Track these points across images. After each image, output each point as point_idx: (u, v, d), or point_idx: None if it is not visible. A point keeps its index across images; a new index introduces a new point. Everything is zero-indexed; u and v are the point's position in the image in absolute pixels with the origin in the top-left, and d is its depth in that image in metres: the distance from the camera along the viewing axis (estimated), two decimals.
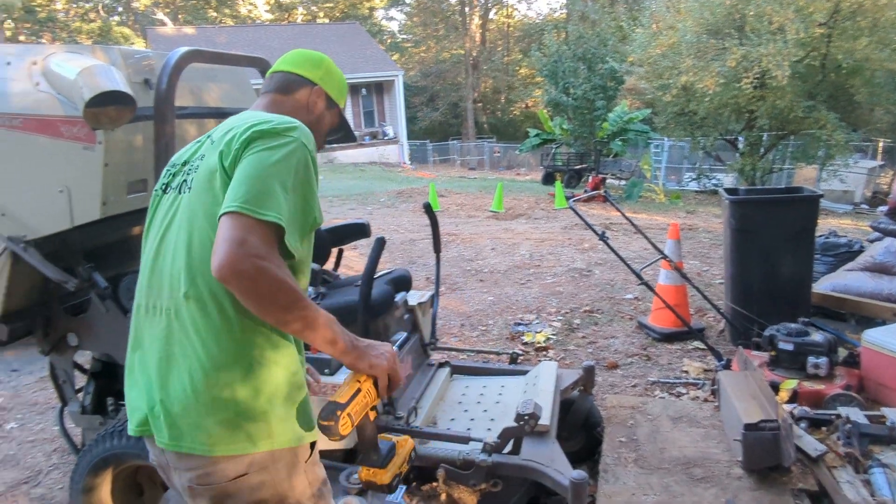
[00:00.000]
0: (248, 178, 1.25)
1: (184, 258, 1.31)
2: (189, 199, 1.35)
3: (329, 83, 1.62)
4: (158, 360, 1.31)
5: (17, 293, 2.50)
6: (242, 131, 1.32)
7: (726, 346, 4.49)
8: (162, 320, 1.32)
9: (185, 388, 1.27)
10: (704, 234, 9.22)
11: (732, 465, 2.58)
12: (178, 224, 1.35)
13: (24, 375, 4.59)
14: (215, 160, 1.32)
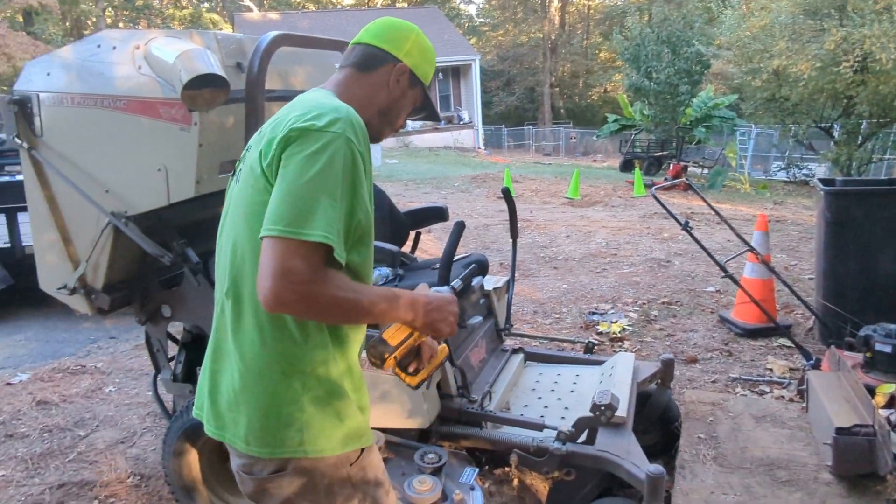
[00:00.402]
0: (289, 193, 1.16)
1: (228, 256, 1.30)
2: (238, 194, 1.32)
3: (415, 59, 1.45)
4: (213, 351, 1.35)
5: (119, 266, 2.66)
6: (281, 129, 1.22)
7: (815, 345, 4.27)
8: (218, 310, 1.34)
9: (227, 385, 1.29)
10: (793, 226, 8.76)
11: (821, 469, 2.46)
12: (229, 217, 1.34)
13: (122, 343, 4.90)
14: (256, 159, 1.25)
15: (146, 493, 2.86)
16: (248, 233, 1.25)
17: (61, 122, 2.49)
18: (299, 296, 1.13)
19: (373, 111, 1.42)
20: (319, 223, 1.14)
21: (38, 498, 2.85)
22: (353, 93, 1.40)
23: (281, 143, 1.20)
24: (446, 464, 2.13)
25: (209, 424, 1.35)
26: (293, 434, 1.25)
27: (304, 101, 1.30)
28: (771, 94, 12.41)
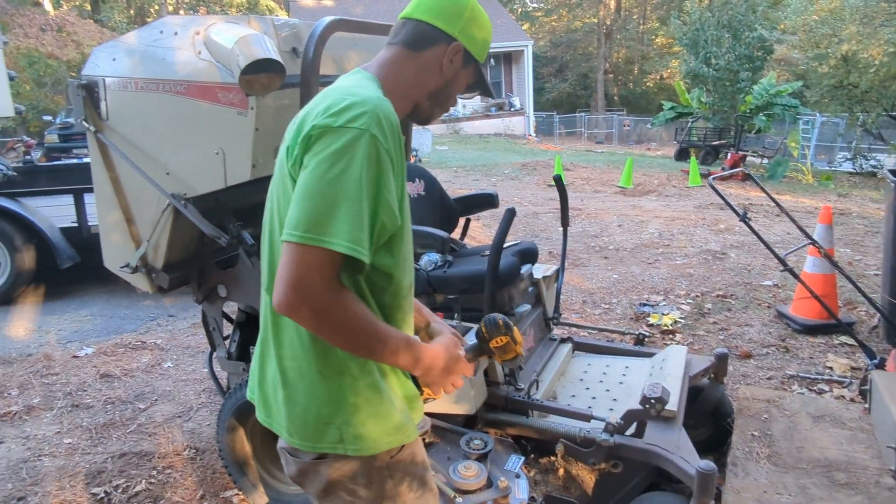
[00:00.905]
0: (309, 196, 1.11)
1: (267, 251, 1.30)
2: (272, 186, 1.29)
3: (470, 36, 1.34)
4: (262, 340, 1.34)
5: (177, 246, 2.75)
6: (307, 125, 1.16)
7: (879, 344, 4.09)
8: (264, 303, 1.33)
9: (272, 376, 1.30)
10: (858, 219, 8.38)
11: (883, 473, 2.36)
12: (268, 210, 1.32)
13: (179, 321, 5.08)
14: (284, 155, 1.22)
15: (200, 466, 2.97)
16: (275, 229, 1.25)
17: (126, 106, 2.58)
18: (309, 310, 1.10)
19: (423, 93, 1.36)
20: (339, 230, 1.09)
21: (101, 466, 2.99)
22: (401, 74, 1.33)
23: (303, 143, 1.15)
24: (492, 451, 2.13)
25: (259, 410, 1.37)
26: (332, 431, 1.24)
27: (336, 90, 1.23)
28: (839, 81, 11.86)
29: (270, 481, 2.63)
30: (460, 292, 2.57)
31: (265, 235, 1.33)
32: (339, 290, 1.13)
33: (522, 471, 2.13)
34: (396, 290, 1.29)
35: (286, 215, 1.15)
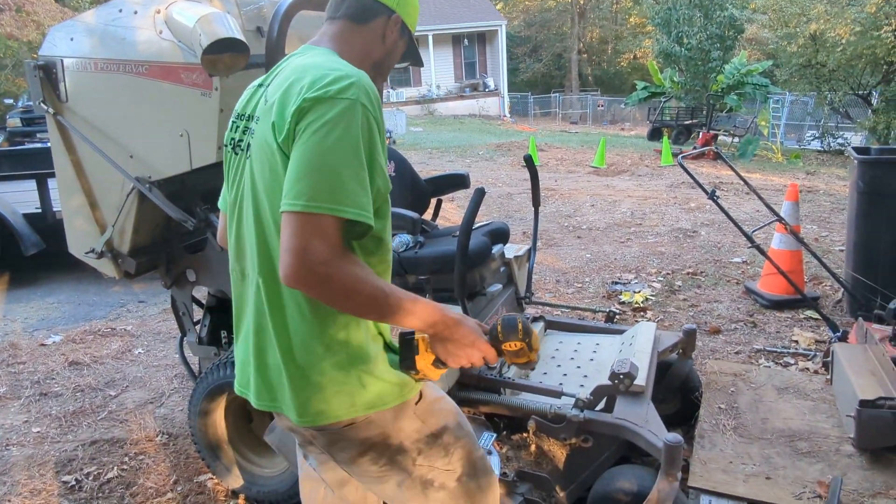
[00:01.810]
0: (308, 166, 1.12)
1: (254, 233, 1.27)
2: (251, 168, 1.27)
3: (406, 8, 1.42)
4: (255, 329, 1.31)
5: (143, 230, 2.71)
6: (294, 99, 1.17)
7: (843, 318, 4.19)
8: (252, 289, 1.31)
9: (275, 363, 1.29)
10: (825, 196, 8.56)
11: (843, 441, 2.44)
12: (247, 192, 1.29)
13: (150, 306, 5.02)
14: (269, 132, 1.21)
15: (174, 451, 2.95)
16: (273, 210, 1.22)
17: (85, 88, 2.52)
18: (318, 276, 1.10)
19: (368, 64, 1.38)
20: (345, 196, 1.12)
21: (71, 454, 2.95)
22: (352, 47, 1.37)
23: (295, 115, 1.15)
24: None
25: (259, 399, 1.34)
26: (344, 399, 1.26)
27: (311, 65, 1.24)
28: (807, 60, 12.02)
29: (245, 464, 2.62)
30: (431, 273, 2.57)
31: (245, 221, 1.30)
32: (346, 255, 1.14)
33: (494, 447, 2.16)
34: (384, 253, 1.33)
35: (276, 190, 1.18)
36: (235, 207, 1.34)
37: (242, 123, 1.35)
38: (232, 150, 1.36)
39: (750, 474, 2.26)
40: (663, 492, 1.95)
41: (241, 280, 1.36)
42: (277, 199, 1.17)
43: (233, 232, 1.37)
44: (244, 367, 1.37)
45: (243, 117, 1.35)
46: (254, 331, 1.32)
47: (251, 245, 1.29)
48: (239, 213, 1.34)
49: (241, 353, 1.38)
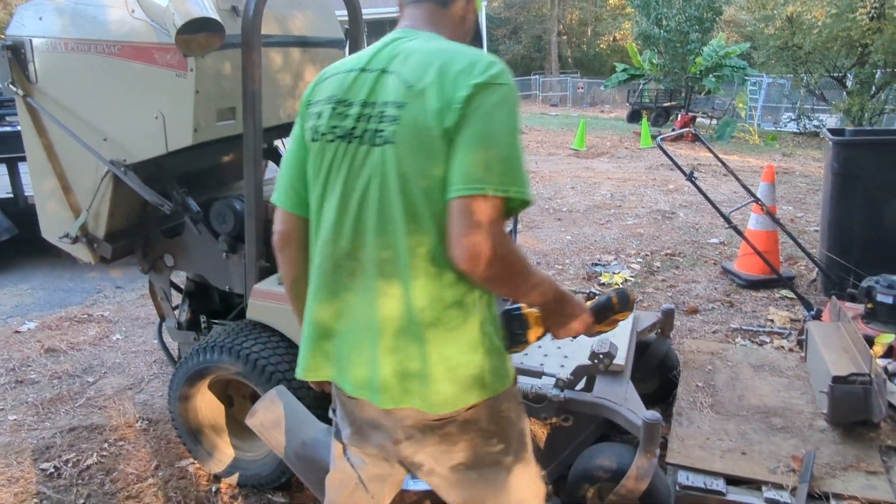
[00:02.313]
0: (486, 149, 1.13)
1: (397, 223, 1.21)
2: (386, 155, 1.21)
3: None
4: (382, 326, 1.25)
5: (119, 214, 2.66)
6: (458, 84, 1.16)
7: (817, 297, 4.28)
8: (361, 280, 1.27)
9: (402, 358, 1.25)
10: (801, 178, 8.68)
11: (816, 417, 2.49)
12: (375, 180, 1.23)
13: (127, 292, 4.96)
14: (427, 117, 1.16)
15: (154, 437, 2.93)
16: (428, 196, 1.18)
17: (56, 69, 2.45)
18: (500, 258, 1.13)
19: None
20: (522, 178, 1.15)
21: (49, 441, 2.92)
22: (445, 31, 1.36)
23: (465, 101, 1.14)
24: None
25: (384, 395, 1.26)
26: (476, 381, 1.26)
27: (446, 49, 1.24)
28: (784, 42, 12.11)
29: (226, 449, 2.62)
30: None
31: (367, 209, 1.24)
32: (508, 235, 1.18)
33: None
34: None
35: (432, 175, 1.17)
36: (350, 198, 1.27)
37: (351, 110, 1.27)
38: (335, 139, 1.28)
39: (726, 450, 2.30)
40: (642, 468, 1.99)
41: (335, 270, 1.30)
42: (434, 184, 1.17)
43: (331, 221, 1.29)
44: (351, 366, 1.31)
45: (348, 104, 1.28)
46: (379, 327, 1.25)
47: (385, 235, 1.23)
48: (359, 201, 1.25)
49: (348, 349, 1.31)
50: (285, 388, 2.22)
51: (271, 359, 2.34)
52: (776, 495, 2.07)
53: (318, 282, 1.35)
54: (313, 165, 1.33)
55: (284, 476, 2.45)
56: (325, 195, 1.31)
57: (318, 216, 1.34)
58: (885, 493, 2.06)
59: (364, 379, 1.29)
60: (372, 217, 1.24)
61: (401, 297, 1.23)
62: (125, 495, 2.55)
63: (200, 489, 2.57)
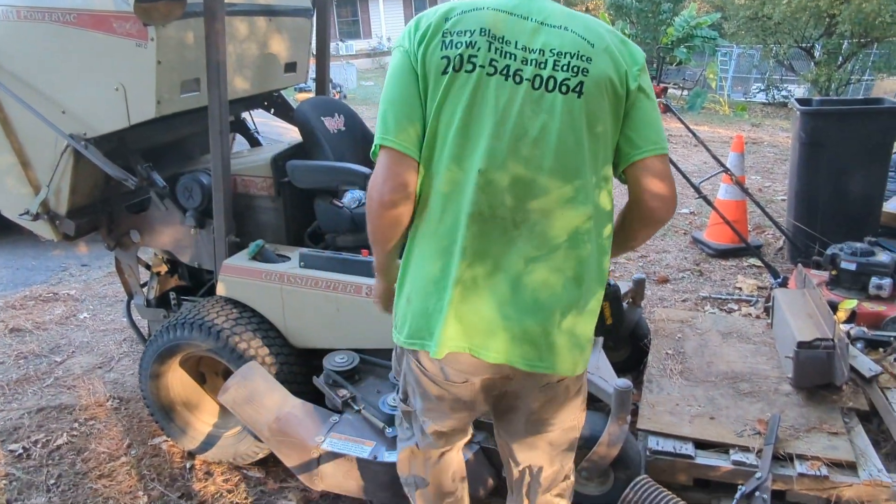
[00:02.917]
0: (658, 118, 1.34)
1: (584, 174, 1.27)
2: (581, 103, 1.24)
3: None
4: (538, 283, 1.26)
5: (81, 190, 2.59)
6: (636, 58, 1.32)
7: (784, 265, 4.37)
8: (519, 232, 1.26)
9: (553, 316, 1.28)
10: (769, 148, 8.79)
11: (782, 381, 2.56)
12: (551, 122, 1.23)
13: (94, 270, 4.85)
14: (616, 77, 1.27)
15: (126, 416, 2.90)
16: (607, 150, 1.31)
17: (9, 38, 2.36)
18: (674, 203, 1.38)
19: None
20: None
21: (17, 422, 2.87)
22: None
23: (641, 73, 1.31)
24: None
25: (539, 362, 1.29)
26: (588, 346, 1.37)
27: (593, 19, 1.34)
28: (754, 13, 12.17)
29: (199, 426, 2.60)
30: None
31: (535, 159, 1.24)
32: None
33: None
34: None
35: (614, 131, 1.30)
36: (520, 141, 1.23)
37: (512, 49, 1.24)
38: (496, 73, 1.23)
39: (695, 415, 2.36)
40: (614, 434, 2.02)
41: (485, 221, 1.25)
42: (613, 140, 1.31)
43: (497, 171, 1.24)
44: (495, 328, 1.27)
45: (507, 42, 1.24)
46: (533, 286, 1.26)
47: (542, 181, 1.24)
48: (517, 144, 1.23)
49: (490, 311, 1.27)
50: (258, 364, 2.21)
51: (243, 335, 2.31)
52: (742, 457, 2.13)
53: (465, 232, 1.25)
54: (454, 98, 1.24)
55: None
56: (482, 134, 1.24)
57: (460, 159, 1.25)
58: (846, 453, 2.13)
59: (500, 342, 1.30)
60: (550, 164, 1.25)
61: (583, 253, 1.30)
62: (97, 474, 2.53)
63: (174, 466, 2.56)
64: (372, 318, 2.28)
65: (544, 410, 1.43)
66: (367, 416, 2.06)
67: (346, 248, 2.62)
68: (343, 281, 2.30)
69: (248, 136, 3.42)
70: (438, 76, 1.24)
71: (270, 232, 2.67)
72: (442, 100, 1.24)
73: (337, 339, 2.36)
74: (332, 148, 2.73)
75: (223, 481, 2.47)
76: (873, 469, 2.07)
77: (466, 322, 1.27)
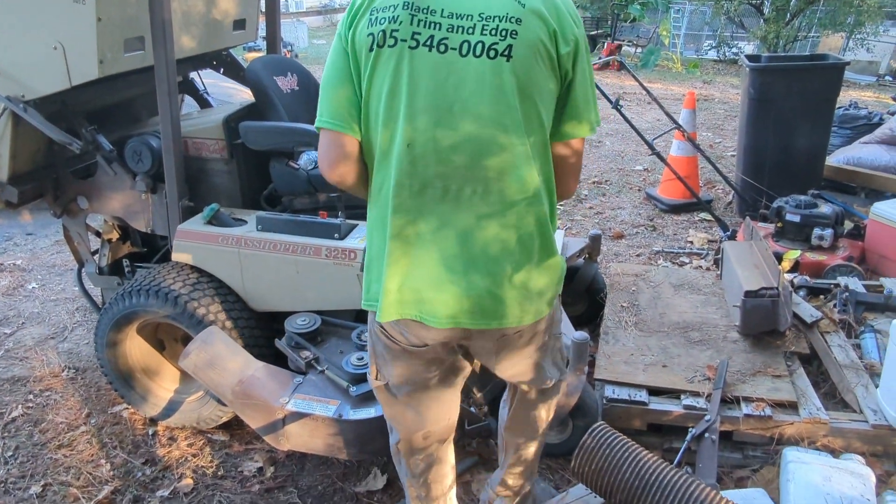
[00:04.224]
0: (592, 95, 1.34)
1: (523, 140, 1.26)
2: (510, 67, 1.22)
3: None
4: (484, 246, 1.29)
5: (22, 155, 2.48)
6: (572, 23, 1.27)
7: (733, 218, 4.51)
8: (482, 207, 1.28)
9: (500, 276, 1.31)
10: (720, 104, 8.95)
11: (730, 329, 2.67)
12: (482, 89, 1.23)
13: (40, 239, 4.68)
14: (548, 40, 1.23)
15: (83, 385, 2.85)
16: (548, 116, 1.30)
17: None
18: None
19: None
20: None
21: None
22: None
23: (577, 40, 1.27)
24: None
25: (470, 319, 1.32)
26: (545, 298, 1.40)
27: None
28: None
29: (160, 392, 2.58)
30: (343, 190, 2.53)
31: (463, 126, 1.24)
32: None
33: None
34: None
35: (548, 99, 1.28)
36: (450, 110, 1.24)
37: (437, 19, 1.23)
38: (419, 46, 1.23)
39: (649, 364, 2.45)
40: (572, 385, 2.09)
41: (442, 196, 1.27)
42: (548, 97, 1.28)
43: (422, 141, 1.25)
44: (446, 291, 1.30)
45: (431, 11, 1.23)
46: (481, 249, 1.29)
47: (460, 147, 1.25)
48: (460, 113, 1.24)
49: (442, 275, 1.30)
50: (217, 329, 2.19)
51: (202, 300, 2.29)
52: (693, 402, 2.24)
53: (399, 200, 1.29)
54: (381, 73, 1.26)
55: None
56: (402, 107, 1.25)
57: (388, 131, 1.27)
58: (788, 394, 2.25)
59: (458, 306, 1.34)
60: (477, 133, 1.25)
61: (520, 219, 1.31)
62: (56, 444, 2.50)
63: (136, 433, 2.54)
64: (332, 279, 2.29)
65: (509, 356, 1.48)
66: (330, 377, 2.08)
67: (304, 210, 2.60)
68: (302, 243, 2.28)
69: (198, 98, 3.32)
70: (367, 54, 1.26)
71: (225, 195, 2.62)
72: (370, 77, 1.27)
73: (297, 302, 2.35)
74: (285, 108, 2.68)
75: (187, 446, 2.47)
76: (812, 408, 2.20)
77: (411, 286, 1.31)
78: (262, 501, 2.21)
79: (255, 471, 2.33)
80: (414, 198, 1.28)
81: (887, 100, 8.77)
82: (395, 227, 1.30)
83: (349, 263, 2.24)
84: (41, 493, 2.27)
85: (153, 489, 2.27)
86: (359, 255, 2.24)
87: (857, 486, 1.80)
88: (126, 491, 2.26)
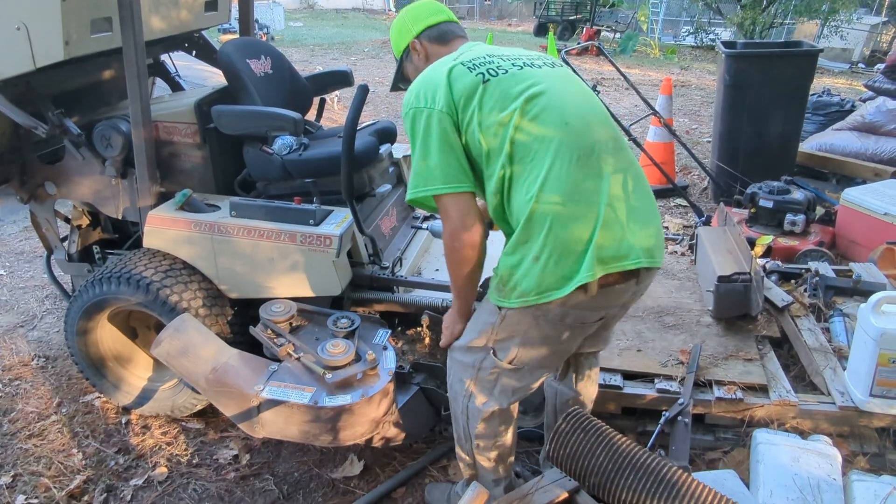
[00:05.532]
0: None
1: (601, 115, 1.62)
2: (564, 73, 1.69)
3: None
4: (630, 195, 1.55)
5: None
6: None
7: (708, 204, 4.55)
8: (616, 164, 1.55)
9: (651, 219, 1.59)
10: (697, 91, 9.01)
11: (703, 314, 2.71)
12: (570, 85, 1.65)
13: (7, 225, 4.58)
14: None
15: (53, 374, 2.81)
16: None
17: None
18: None
19: None
20: None
21: None
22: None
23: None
24: (359, 327, 2.18)
25: (653, 257, 1.53)
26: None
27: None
28: None
29: (133, 380, 2.54)
30: (318, 176, 2.50)
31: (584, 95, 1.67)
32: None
33: (390, 343, 2.21)
34: None
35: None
36: (562, 93, 1.58)
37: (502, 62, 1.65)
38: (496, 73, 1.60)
39: (623, 348, 2.48)
40: None
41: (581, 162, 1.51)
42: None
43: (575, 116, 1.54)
44: (624, 241, 1.49)
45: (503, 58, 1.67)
46: (629, 198, 1.54)
47: (599, 119, 1.61)
48: (567, 96, 1.58)
49: (618, 230, 1.49)
50: (190, 316, 2.16)
51: (174, 287, 2.26)
52: (666, 385, 2.27)
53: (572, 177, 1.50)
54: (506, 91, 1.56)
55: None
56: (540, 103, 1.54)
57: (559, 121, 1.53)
58: (758, 377, 2.29)
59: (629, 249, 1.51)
60: (590, 111, 1.61)
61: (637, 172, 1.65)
62: (27, 434, 2.46)
63: (109, 422, 2.51)
64: (307, 266, 2.27)
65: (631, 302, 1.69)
66: (306, 364, 2.06)
67: (279, 195, 2.57)
68: (277, 229, 2.26)
69: (169, 80, 3.25)
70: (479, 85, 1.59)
71: (198, 180, 2.58)
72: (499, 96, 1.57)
73: (272, 289, 2.33)
74: (259, 92, 2.63)
75: (161, 434, 2.45)
76: (782, 390, 2.24)
77: (608, 246, 1.48)
78: (237, 489, 2.20)
79: (231, 458, 2.32)
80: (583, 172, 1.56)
81: (860, 87, 8.90)
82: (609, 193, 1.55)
83: (324, 250, 2.22)
84: (11, 483, 2.23)
85: (126, 478, 2.25)
86: (334, 241, 2.22)
87: (824, 467, 1.84)
88: (99, 480, 2.23)
